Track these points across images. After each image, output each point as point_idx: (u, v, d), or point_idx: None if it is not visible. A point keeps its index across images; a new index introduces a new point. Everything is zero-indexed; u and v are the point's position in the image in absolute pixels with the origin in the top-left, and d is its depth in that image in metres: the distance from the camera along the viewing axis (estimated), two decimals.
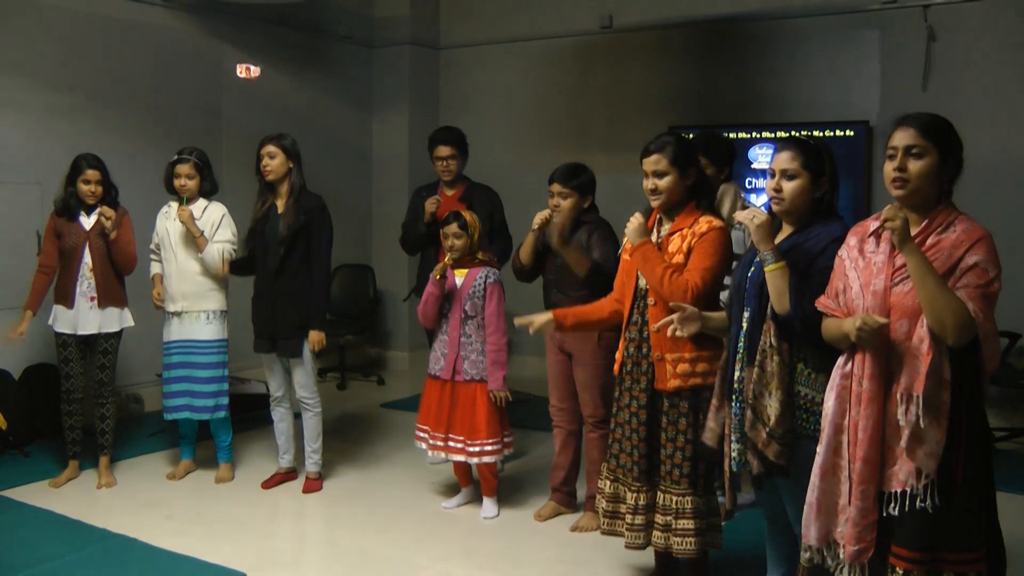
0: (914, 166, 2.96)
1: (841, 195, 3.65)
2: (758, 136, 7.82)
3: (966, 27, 7.19)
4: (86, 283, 5.70)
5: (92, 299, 5.70)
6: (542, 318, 4.37)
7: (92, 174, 5.65)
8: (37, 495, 5.64)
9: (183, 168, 5.72)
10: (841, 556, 3.08)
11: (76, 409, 5.85)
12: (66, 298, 5.70)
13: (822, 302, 3.16)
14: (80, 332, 5.71)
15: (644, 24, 8.49)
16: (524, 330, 4.41)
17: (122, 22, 7.37)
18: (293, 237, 5.50)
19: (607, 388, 5.05)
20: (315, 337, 5.58)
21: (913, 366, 2.88)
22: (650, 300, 4.05)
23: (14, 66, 6.74)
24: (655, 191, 4.04)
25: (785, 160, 3.44)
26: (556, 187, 5.02)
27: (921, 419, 2.84)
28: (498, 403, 5.20)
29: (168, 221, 5.83)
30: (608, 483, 4.25)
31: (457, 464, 5.45)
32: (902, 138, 2.99)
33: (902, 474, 2.93)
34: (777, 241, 3.42)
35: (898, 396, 2.91)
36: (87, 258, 5.69)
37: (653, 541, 4.11)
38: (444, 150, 6.12)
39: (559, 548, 4.93)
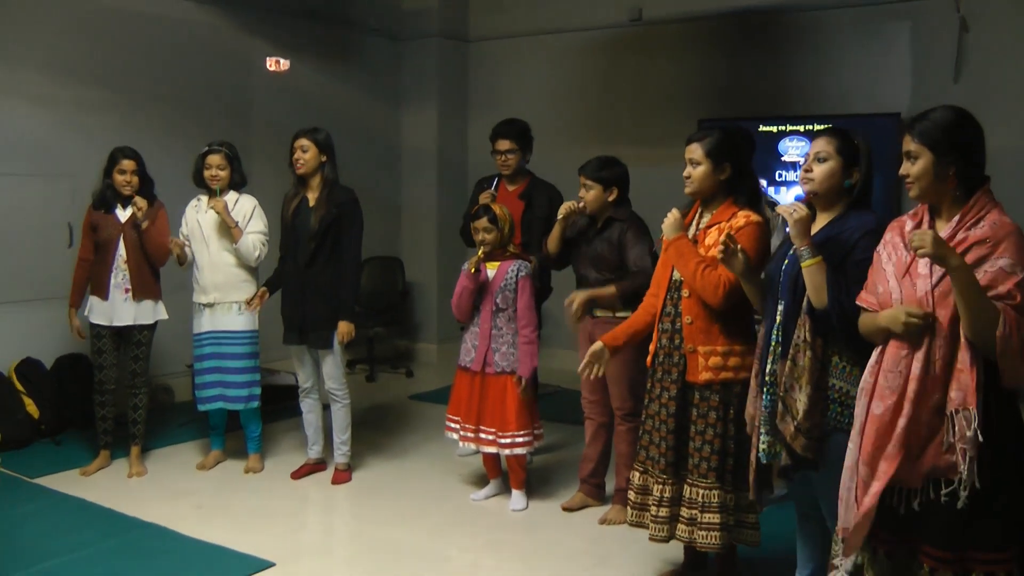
0: (912, 169, 2.99)
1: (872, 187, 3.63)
2: (788, 129, 7.76)
3: (999, 17, 7.11)
4: (120, 275, 5.74)
5: (127, 291, 5.74)
6: (597, 352, 4.28)
7: (127, 164, 5.69)
8: (69, 483, 5.69)
9: (215, 159, 5.75)
10: (865, 551, 3.08)
11: (108, 399, 5.89)
12: (101, 290, 5.74)
13: (863, 298, 3.13)
14: (115, 324, 5.75)
15: (673, 16, 8.45)
16: (555, 322, 4.41)
17: (153, 17, 7.41)
18: (324, 230, 5.51)
19: (636, 381, 5.05)
20: (344, 328, 5.59)
21: (960, 380, 2.85)
22: (684, 292, 4.05)
23: (46, 61, 6.79)
24: (688, 178, 4.07)
25: (821, 144, 3.48)
26: (583, 178, 5.03)
27: (979, 433, 2.80)
28: (522, 390, 5.19)
29: (199, 214, 5.86)
30: (638, 475, 4.24)
31: (486, 456, 5.46)
32: (904, 143, 3.02)
33: (932, 471, 2.90)
34: (812, 234, 3.40)
35: (950, 412, 2.86)
36: (121, 250, 5.73)
37: (677, 534, 4.10)
38: (503, 144, 5.98)
39: (587, 540, 4.92)
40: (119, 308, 5.74)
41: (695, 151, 4.05)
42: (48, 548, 4.72)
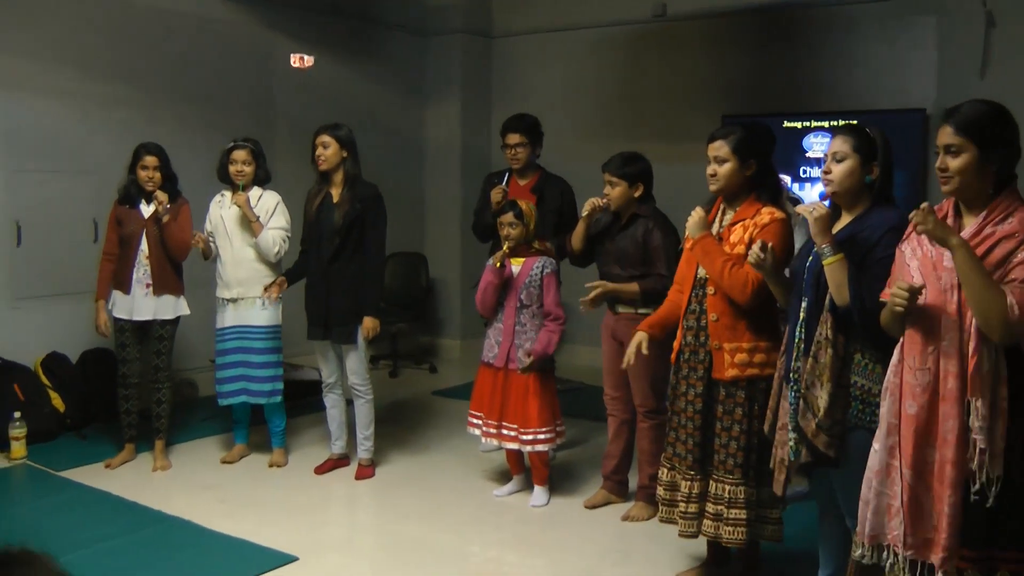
0: (952, 164, 2.93)
1: (897, 184, 3.61)
2: (813, 125, 7.72)
3: None
4: (142, 270, 5.77)
5: (147, 286, 5.77)
6: (638, 341, 4.32)
7: (150, 160, 5.73)
8: (94, 476, 5.73)
9: (240, 154, 5.77)
10: (892, 555, 3.04)
11: (132, 393, 5.93)
12: (123, 284, 5.78)
13: (886, 295, 3.11)
14: (135, 318, 5.78)
15: (697, 12, 8.43)
16: (578, 318, 4.41)
17: (178, 14, 7.43)
18: (348, 226, 5.52)
19: (658, 378, 5.05)
20: (369, 324, 5.60)
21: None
22: (709, 289, 4.04)
23: (72, 58, 6.82)
24: (713, 175, 4.04)
25: (837, 143, 3.47)
26: (607, 175, 5.01)
27: (985, 420, 2.78)
28: (527, 366, 5.17)
29: (223, 209, 5.88)
30: (666, 471, 4.25)
31: (509, 452, 5.46)
32: (941, 136, 2.96)
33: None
34: (834, 231, 3.39)
35: (967, 401, 2.85)
36: (144, 245, 5.76)
37: (703, 529, 4.11)
38: (513, 137, 5.99)
39: (610, 537, 4.92)
40: (140, 303, 5.78)
41: (721, 148, 4.03)
42: (73, 540, 4.75)
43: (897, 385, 3.01)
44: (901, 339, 3.05)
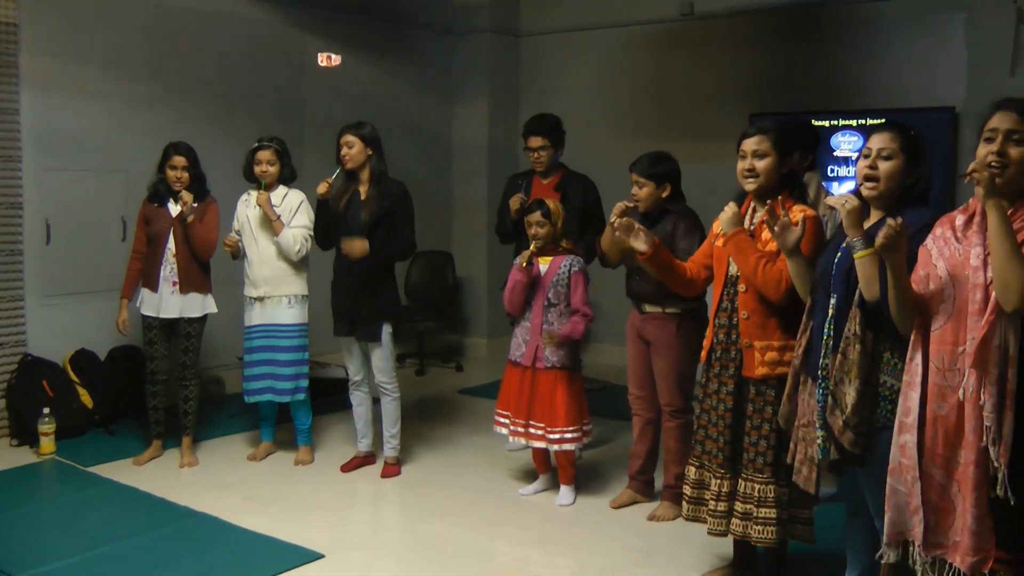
0: (1016, 152, 2.86)
1: None
2: (841, 124, 7.67)
3: None
4: (169, 268, 5.80)
5: (174, 284, 5.81)
6: (642, 230, 4.23)
7: (178, 160, 5.77)
8: (122, 472, 5.76)
9: (264, 154, 5.80)
10: (917, 556, 3.02)
11: (160, 390, 5.96)
12: (151, 282, 5.81)
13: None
14: (163, 315, 5.82)
15: (725, 10, 8.40)
16: (605, 317, 4.37)
17: (206, 14, 7.47)
18: (375, 223, 5.53)
19: (685, 377, 5.03)
20: (358, 245, 5.52)
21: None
22: (740, 287, 4.01)
23: (101, 57, 6.86)
24: (751, 172, 3.99)
25: (883, 140, 3.36)
26: (635, 175, 4.98)
27: (992, 399, 2.75)
28: (550, 338, 5.16)
29: (249, 208, 5.91)
30: (694, 469, 4.23)
31: (535, 451, 5.45)
32: (1003, 122, 2.89)
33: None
34: (866, 227, 3.34)
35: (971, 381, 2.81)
36: (171, 244, 5.79)
37: (732, 529, 4.09)
38: (535, 140, 5.95)
39: (635, 536, 4.90)
40: (167, 300, 5.81)
41: (761, 143, 3.98)
42: (101, 535, 4.79)
43: (915, 384, 2.97)
44: (914, 336, 3.02)
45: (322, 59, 8.29)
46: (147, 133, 6.79)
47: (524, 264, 5.17)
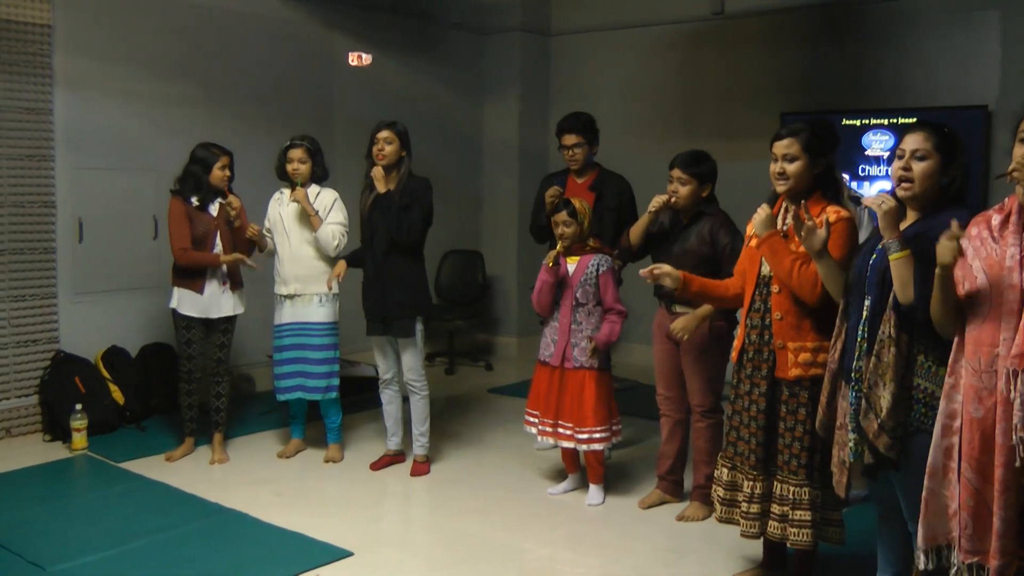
0: None
1: None
2: (872, 123, 7.61)
3: None
4: (219, 269, 5.83)
5: (225, 283, 5.85)
6: (669, 269, 4.22)
7: (226, 159, 5.82)
8: (152, 468, 5.80)
9: (295, 153, 5.81)
10: (955, 561, 2.98)
11: (195, 388, 6.00)
12: (195, 283, 5.82)
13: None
14: (212, 316, 5.86)
15: (756, 9, 8.36)
16: (635, 317, 4.35)
17: (237, 13, 7.50)
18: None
19: (715, 377, 5.01)
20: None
21: None
22: (774, 288, 3.98)
23: (133, 58, 6.91)
24: (782, 175, 3.96)
25: (917, 140, 3.31)
26: (676, 172, 4.94)
27: (1017, 395, 2.72)
28: (592, 351, 5.15)
29: (281, 207, 5.92)
30: (725, 471, 4.20)
31: (565, 450, 5.44)
32: None
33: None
34: (902, 228, 3.30)
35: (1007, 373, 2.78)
36: (219, 245, 5.82)
37: (768, 531, 4.05)
38: (569, 138, 5.92)
39: (664, 537, 4.88)
40: (217, 300, 5.85)
41: (791, 146, 3.95)
42: (132, 530, 4.82)
43: (953, 386, 2.94)
44: (956, 339, 2.99)
45: (353, 58, 8.30)
46: (178, 132, 6.83)
47: (551, 264, 5.16)
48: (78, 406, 6.14)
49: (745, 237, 4.24)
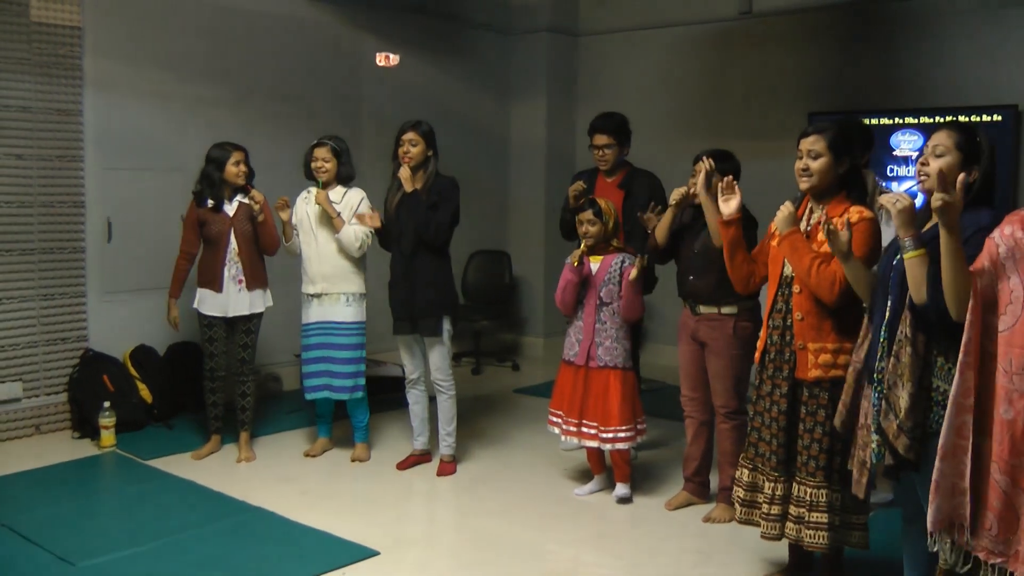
0: None
1: None
2: (901, 122, 7.55)
3: None
4: (234, 267, 5.86)
5: (240, 282, 5.87)
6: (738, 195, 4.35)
7: (239, 155, 5.83)
8: (180, 466, 5.83)
9: (320, 152, 5.84)
10: (967, 540, 2.95)
11: (219, 386, 6.03)
12: (213, 283, 5.86)
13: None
14: (230, 314, 5.89)
15: (783, 9, 8.31)
16: (661, 318, 4.33)
17: (264, 15, 7.54)
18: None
19: (740, 379, 4.99)
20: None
21: None
22: (795, 288, 3.97)
23: (162, 59, 6.96)
24: (806, 171, 3.95)
25: (939, 138, 3.30)
26: (699, 166, 4.92)
27: None
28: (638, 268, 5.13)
29: (308, 205, 5.94)
30: (746, 472, 4.19)
31: (590, 451, 5.43)
32: None
33: None
34: (924, 230, 3.28)
35: None
36: (233, 244, 5.85)
37: (786, 532, 4.04)
38: (600, 138, 5.89)
39: (691, 538, 4.87)
40: (234, 299, 5.87)
41: (816, 143, 3.94)
42: (159, 527, 4.85)
43: (971, 364, 2.88)
44: (969, 317, 2.92)
45: (380, 59, 8.32)
46: (206, 133, 6.82)
47: (575, 263, 5.15)
48: (106, 404, 6.18)
49: (768, 234, 4.23)
